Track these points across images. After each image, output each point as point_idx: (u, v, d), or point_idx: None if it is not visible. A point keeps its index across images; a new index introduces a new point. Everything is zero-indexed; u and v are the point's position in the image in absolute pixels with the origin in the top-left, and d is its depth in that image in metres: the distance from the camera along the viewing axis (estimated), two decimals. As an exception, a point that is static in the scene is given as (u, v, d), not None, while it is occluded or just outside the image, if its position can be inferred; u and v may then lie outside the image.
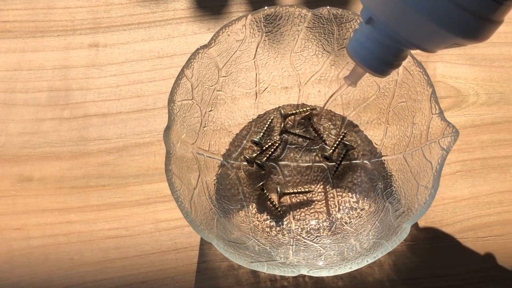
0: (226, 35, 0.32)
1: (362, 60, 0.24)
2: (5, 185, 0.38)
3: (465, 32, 0.19)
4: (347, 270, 0.28)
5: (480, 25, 0.19)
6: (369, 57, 0.23)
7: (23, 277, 0.36)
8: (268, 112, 0.39)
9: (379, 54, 0.23)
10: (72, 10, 0.44)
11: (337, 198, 0.36)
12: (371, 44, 0.23)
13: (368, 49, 0.23)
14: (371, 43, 0.23)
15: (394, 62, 0.24)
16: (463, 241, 0.36)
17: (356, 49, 0.24)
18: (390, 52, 0.23)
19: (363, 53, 0.23)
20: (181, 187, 0.29)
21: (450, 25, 0.19)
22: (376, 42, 0.23)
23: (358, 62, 0.24)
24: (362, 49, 0.23)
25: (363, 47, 0.23)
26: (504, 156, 0.39)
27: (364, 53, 0.23)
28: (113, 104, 0.40)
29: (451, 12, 0.19)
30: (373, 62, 0.24)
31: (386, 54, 0.23)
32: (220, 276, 0.35)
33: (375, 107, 0.37)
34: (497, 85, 0.41)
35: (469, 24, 0.19)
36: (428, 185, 0.29)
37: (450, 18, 0.19)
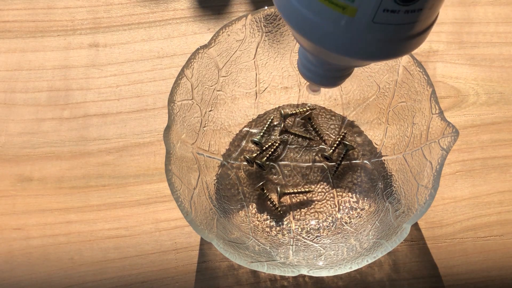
0: (226, 35, 0.32)
1: (309, 80, 0.25)
2: (5, 185, 0.38)
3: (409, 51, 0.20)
4: (347, 270, 0.28)
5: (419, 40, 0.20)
6: (314, 77, 0.25)
7: (23, 277, 0.36)
8: (268, 112, 0.39)
9: (324, 75, 0.25)
10: (72, 10, 0.44)
11: (337, 198, 0.36)
12: (315, 68, 0.24)
13: (310, 71, 0.25)
14: (315, 67, 0.24)
15: (341, 75, 0.25)
16: (463, 241, 0.36)
17: (302, 70, 0.25)
18: (334, 72, 0.24)
19: (308, 74, 0.25)
20: (181, 187, 0.29)
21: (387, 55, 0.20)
22: (318, 67, 0.24)
23: (309, 82, 0.26)
24: (306, 70, 0.25)
25: (306, 68, 0.25)
26: (504, 156, 0.39)
27: (309, 74, 0.25)
28: (113, 104, 0.40)
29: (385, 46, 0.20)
30: (321, 81, 0.25)
31: (330, 74, 0.25)
32: (220, 276, 0.35)
33: (375, 107, 0.37)
34: (497, 85, 0.41)
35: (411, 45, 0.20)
36: (428, 185, 0.29)
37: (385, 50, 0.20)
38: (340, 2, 0.18)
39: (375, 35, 0.19)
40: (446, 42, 0.42)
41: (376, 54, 0.20)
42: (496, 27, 0.43)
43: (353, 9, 0.18)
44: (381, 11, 0.18)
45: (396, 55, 0.21)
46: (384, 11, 0.18)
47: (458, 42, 0.42)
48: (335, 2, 0.18)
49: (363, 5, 0.18)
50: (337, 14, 0.18)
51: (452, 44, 0.42)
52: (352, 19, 0.18)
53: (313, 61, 0.24)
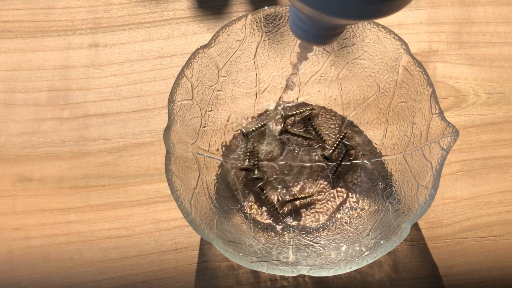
0: (226, 35, 0.32)
1: (302, 38, 0.25)
2: (5, 185, 0.38)
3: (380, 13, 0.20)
4: (347, 270, 0.28)
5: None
6: (307, 36, 0.25)
7: (23, 277, 0.36)
8: (268, 112, 0.39)
9: (313, 32, 0.24)
10: (72, 10, 0.44)
11: (337, 198, 0.36)
12: (304, 26, 0.24)
13: (304, 30, 0.24)
14: (304, 25, 0.24)
15: (330, 34, 0.25)
16: (463, 241, 0.36)
17: (295, 29, 0.25)
18: (322, 30, 0.24)
19: (300, 33, 0.25)
20: (181, 187, 0.29)
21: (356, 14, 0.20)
22: (307, 24, 0.24)
23: (301, 40, 0.26)
24: (299, 30, 0.25)
25: (299, 28, 0.25)
26: (504, 156, 0.39)
27: (301, 33, 0.25)
28: (113, 104, 0.40)
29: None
30: (311, 38, 0.25)
31: (319, 31, 0.24)
32: (220, 276, 0.35)
33: (375, 107, 0.37)
34: (497, 85, 0.41)
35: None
36: (428, 185, 0.29)
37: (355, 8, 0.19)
38: None
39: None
40: (446, 42, 0.42)
41: (364, 9, 0.19)
42: (496, 27, 0.43)
43: None
44: None
45: (381, 13, 0.20)
46: None
47: (458, 42, 0.42)
48: None
49: None
50: None
51: (452, 44, 0.42)
52: None
53: (304, 19, 0.24)
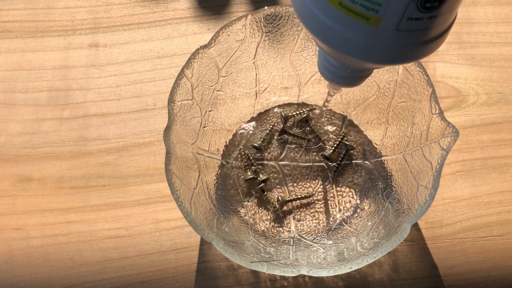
0: (226, 35, 0.32)
1: (332, 81, 0.26)
2: (5, 185, 0.38)
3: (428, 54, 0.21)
4: (347, 270, 0.28)
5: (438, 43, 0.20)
6: (337, 79, 0.25)
7: (23, 277, 0.36)
8: (268, 111, 0.39)
9: (345, 76, 0.25)
10: (72, 10, 0.44)
11: (337, 198, 0.36)
12: (336, 70, 0.25)
13: (335, 74, 0.25)
14: (336, 70, 0.24)
15: (362, 76, 0.25)
16: (463, 241, 0.36)
17: (325, 73, 0.25)
18: (355, 73, 0.25)
19: (331, 77, 0.25)
20: (181, 187, 0.29)
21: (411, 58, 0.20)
22: (339, 69, 0.24)
23: (331, 83, 0.26)
24: (330, 74, 0.25)
25: (330, 72, 0.25)
26: (504, 156, 0.39)
27: (332, 77, 0.25)
28: (113, 104, 0.40)
29: (419, 51, 0.20)
30: (342, 81, 0.25)
31: (351, 75, 0.25)
32: (220, 276, 0.35)
33: (375, 107, 0.37)
34: (497, 85, 0.41)
35: (430, 48, 0.20)
36: (428, 185, 0.29)
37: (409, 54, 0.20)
38: (364, 13, 0.18)
39: (398, 41, 0.19)
40: (446, 42, 0.42)
41: (399, 58, 0.20)
42: (496, 27, 0.43)
43: (377, 19, 0.18)
44: (405, 19, 0.18)
45: (419, 57, 0.21)
46: (409, 20, 0.18)
47: (458, 42, 0.42)
48: (358, 12, 0.18)
49: (387, 15, 0.18)
50: (360, 24, 0.19)
51: (452, 44, 0.42)
52: (376, 28, 0.18)
53: (334, 63, 0.24)
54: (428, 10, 0.18)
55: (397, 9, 0.18)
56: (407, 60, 0.20)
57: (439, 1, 0.18)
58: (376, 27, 0.18)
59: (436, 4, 0.18)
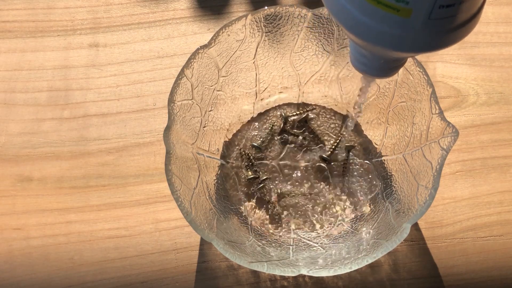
0: (226, 35, 0.32)
1: (367, 74, 0.26)
2: (5, 185, 0.38)
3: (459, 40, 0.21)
4: (347, 270, 0.28)
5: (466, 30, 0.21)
6: (371, 71, 0.25)
7: (23, 277, 0.36)
8: (268, 111, 0.39)
9: (379, 67, 0.25)
10: (72, 10, 0.44)
11: (337, 198, 0.36)
12: (369, 62, 0.25)
13: (369, 66, 0.25)
14: (369, 61, 0.24)
15: (393, 66, 0.25)
16: (463, 241, 0.36)
17: (359, 66, 0.26)
18: (390, 63, 0.25)
19: (365, 69, 0.25)
20: (181, 187, 0.29)
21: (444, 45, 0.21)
22: (373, 61, 0.24)
23: (365, 75, 0.26)
24: (363, 66, 0.25)
25: (364, 65, 0.25)
26: (504, 156, 0.39)
27: (366, 69, 0.25)
28: (113, 104, 0.40)
29: (442, 37, 0.20)
30: (376, 73, 0.25)
31: (385, 65, 0.25)
32: (220, 276, 0.35)
33: (375, 107, 0.37)
34: (497, 85, 0.41)
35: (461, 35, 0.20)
36: (428, 185, 0.29)
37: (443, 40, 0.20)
38: (394, 4, 0.18)
39: (432, 30, 0.19)
40: (446, 42, 0.42)
41: (433, 45, 0.20)
42: (496, 27, 0.43)
43: (408, 10, 0.18)
44: (437, 7, 0.18)
45: (453, 42, 0.21)
46: (440, 7, 0.18)
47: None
48: (389, 4, 0.18)
49: (418, 5, 0.18)
50: (391, 16, 0.19)
51: (452, 44, 0.42)
52: (408, 19, 0.19)
53: (367, 55, 0.24)
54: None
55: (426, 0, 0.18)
56: (442, 46, 0.20)
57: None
58: (408, 18, 0.19)
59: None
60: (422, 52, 0.21)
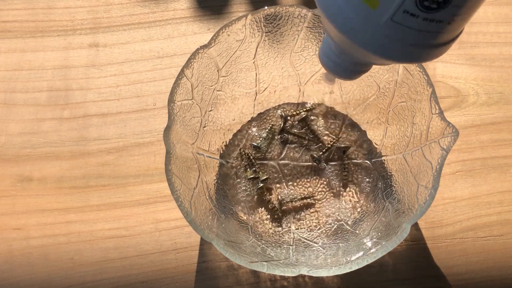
0: (226, 35, 0.32)
1: (330, 70, 0.26)
2: (5, 185, 0.38)
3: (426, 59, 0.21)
4: (347, 270, 0.28)
5: (437, 51, 0.21)
6: (335, 68, 0.25)
7: (23, 277, 0.36)
8: (268, 111, 0.39)
9: (343, 66, 0.25)
10: (72, 10, 0.44)
11: (337, 197, 0.36)
12: (335, 58, 0.25)
13: (334, 62, 0.25)
14: (335, 57, 0.25)
15: (360, 70, 0.26)
16: (463, 241, 0.36)
17: (324, 60, 0.26)
18: (353, 65, 0.25)
19: (330, 64, 0.25)
20: (181, 187, 0.29)
21: (415, 59, 0.21)
22: (339, 57, 0.25)
23: (329, 71, 0.26)
24: (329, 61, 0.25)
25: (329, 59, 0.25)
26: (504, 156, 0.39)
27: (331, 64, 0.25)
28: (113, 104, 0.40)
29: (412, 52, 0.20)
30: (339, 71, 0.26)
31: (355, 67, 0.25)
32: (220, 276, 0.35)
33: (375, 107, 0.37)
34: (497, 85, 0.41)
35: (428, 53, 0.20)
36: (428, 185, 0.29)
37: (414, 55, 0.20)
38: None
39: (390, 33, 0.19)
40: (446, 42, 0.42)
41: (388, 53, 0.20)
42: (496, 27, 0.43)
43: (376, 1, 0.18)
44: (401, 11, 0.18)
45: (408, 60, 0.21)
46: (404, 12, 0.18)
47: (458, 42, 0.42)
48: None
49: (386, 0, 0.18)
50: (360, 3, 0.19)
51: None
52: (373, 11, 0.19)
53: (334, 50, 0.24)
54: (426, 10, 0.18)
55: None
56: (395, 56, 0.20)
57: (438, 4, 0.18)
58: (373, 10, 0.19)
59: (435, 6, 0.18)
60: (376, 53, 0.20)
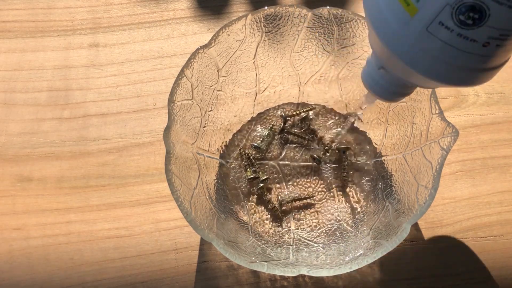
0: (226, 35, 0.32)
1: (377, 93, 0.26)
2: (5, 185, 0.38)
3: (460, 82, 0.21)
4: (347, 270, 0.28)
5: (471, 75, 0.21)
6: (382, 92, 0.26)
7: (23, 277, 0.36)
8: (268, 111, 0.39)
9: (391, 89, 0.25)
10: (72, 10, 0.44)
11: (337, 197, 0.36)
12: (384, 83, 0.25)
13: (382, 86, 0.25)
14: (385, 82, 0.25)
15: (405, 92, 0.26)
16: (463, 241, 0.36)
17: (368, 81, 0.26)
18: (401, 88, 0.25)
19: (377, 88, 0.26)
20: (181, 187, 0.29)
21: (449, 80, 0.21)
22: (388, 82, 0.25)
23: (374, 95, 0.27)
24: (376, 85, 0.26)
25: (377, 83, 0.26)
26: (504, 156, 0.39)
27: (378, 88, 0.26)
28: (113, 104, 0.40)
29: (447, 71, 0.20)
30: (386, 94, 0.26)
31: (397, 89, 0.25)
32: (220, 276, 0.35)
33: (375, 107, 0.37)
34: (497, 85, 0.41)
35: (462, 76, 0.20)
36: (428, 185, 0.29)
37: (448, 75, 0.20)
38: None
39: (425, 44, 0.19)
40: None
41: (420, 65, 0.20)
42: (496, 27, 0.43)
43: (415, 8, 0.19)
44: (437, 22, 0.18)
45: (438, 78, 0.20)
46: (440, 24, 0.18)
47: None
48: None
49: (424, 8, 0.19)
50: (399, 7, 0.19)
51: (452, 44, 0.42)
52: (410, 18, 0.19)
53: (377, 69, 0.25)
54: (460, 24, 0.18)
55: (434, 6, 0.18)
56: (425, 70, 0.20)
57: (473, 21, 0.17)
58: (411, 16, 0.19)
59: (470, 22, 0.18)
60: (410, 66, 0.20)
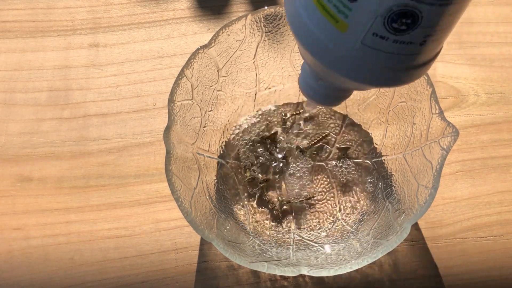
0: (226, 35, 0.32)
1: (311, 98, 0.26)
2: (5, 185, 0.38)
3: (407, 81, 0.21)
4: (347, 270, 0.28)
5: (415, 72, 0.20)
6: (316, 96, 0.26)
7: (23, 277, 0.36)
8: (268, 111, 0.39)
9: (324, 93, 0.25)
10: (72, 10, 0.44)
11: (337, 197, 0.36)
12: (324, 91, 0.25)
13: (314, 90, 0.25)
14: (325, 90, 0.25)
15: (339, 96, 0.26)
16: (463, 241, 0.36)
17: (305, 88, 0.26)
18: (342, 92, 0.25)
19: (311, 92, 0.26)
20: (181, 187, 0.29)
21: (395, 83, 0.21)
22: (329, 89, 0.25)
23: (309, 99, 0.26)
24: (309, 89, 0.25)
25: (310, 87, 0.25)
26: (504, 156, 0.39)
27: (311, 93, 0.26)
28: (113, 104, 0.40)
29: (391, 76, 0.20)
30: (320, 99, 0.26)
31: (330, 92, 0.25)
32: (220, 276, 0.35)
33: (375, 107, 0.37)
34: (497, 85, 0.41)
35: (406, 76, 0.20)
36: (428, 185, 0.29)
37: (393, 79, 0.20)
38: (335, 14, 0.18)
39: (362, 57, 0.19)
40: (446, 42, 0.42)
41: (361, 77, 0.20)
42: (496, 27, 0.43)
43: (344, 24, 0.18)
44: (371, 34, 0.18)
45: (383, 84, 0.20)
46: (374, 35, 0.18)
47: (458, 42, 0.42)
48: (330, 12, 0.18)
49: (355, 22, 0.18)
50: (329, 25, 0.19)
51: (452, 44, 0.42)
52: (342, 34, 0.18)
53: (312, 77, 0.24)
54: (395, 32, 0.18)
55: (364, 19, 0.17)
56: (367, 80, 0.20)
57: (407, 26, 0.17)
58: (342, 33, 0.18)
59: (404, 28, 0.17)
60: (347, 77, 0.20)
